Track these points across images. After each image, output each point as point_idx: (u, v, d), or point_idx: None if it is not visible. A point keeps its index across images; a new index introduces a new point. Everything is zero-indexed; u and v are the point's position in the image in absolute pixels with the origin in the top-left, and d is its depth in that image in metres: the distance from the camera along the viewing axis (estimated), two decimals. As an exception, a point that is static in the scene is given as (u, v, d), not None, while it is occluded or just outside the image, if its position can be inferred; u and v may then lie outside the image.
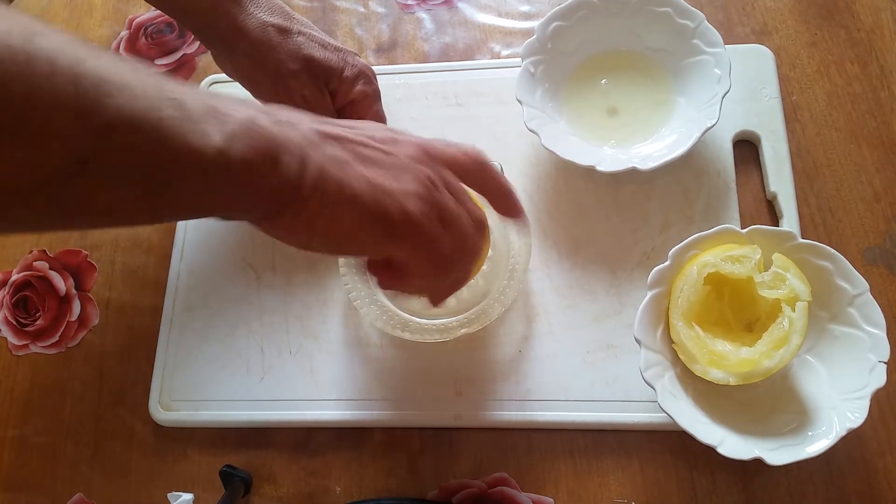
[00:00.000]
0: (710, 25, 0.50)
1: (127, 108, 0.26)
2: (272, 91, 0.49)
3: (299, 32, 0.49)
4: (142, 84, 0.27)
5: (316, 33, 0.50)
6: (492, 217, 0.48)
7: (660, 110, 0.52)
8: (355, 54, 0.51)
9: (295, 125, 0.33)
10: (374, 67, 0.53)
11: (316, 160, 0.32)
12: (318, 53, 0.49)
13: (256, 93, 0.51)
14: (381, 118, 0.52)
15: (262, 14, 0.48)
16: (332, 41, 0.50)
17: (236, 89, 0.53)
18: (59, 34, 0.25)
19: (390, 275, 0.38)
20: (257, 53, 0.48)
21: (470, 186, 0.39)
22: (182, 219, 0.31)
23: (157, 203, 0.29)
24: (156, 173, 0.27)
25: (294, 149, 0.31)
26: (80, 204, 0.27)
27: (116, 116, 0.25)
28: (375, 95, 0.51)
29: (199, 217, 0.32)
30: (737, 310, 0.44)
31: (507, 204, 0.40)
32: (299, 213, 0.32)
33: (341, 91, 0.50)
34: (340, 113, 0.51)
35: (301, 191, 0.31)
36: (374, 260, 0.38)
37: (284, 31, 0.48)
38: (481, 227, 0.38)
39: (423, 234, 0.35)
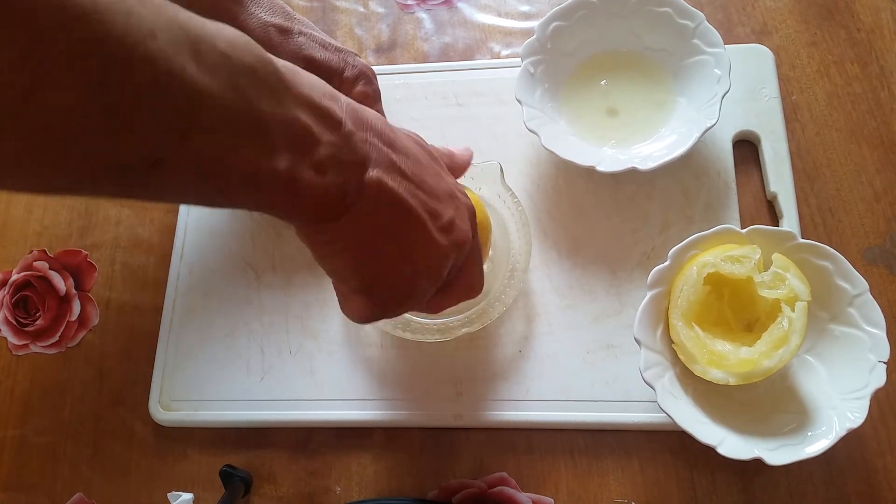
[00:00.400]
0: (709, 25, 0.50)
1: (208, 122, 0.26)
2: None
3: (300, 33, 0.49)
4: (232, 98, 0.27)
5: (317, 34, 0.50)
6: (493, 217, 0.48)
7: (660, 110, 0.52)
8: (356, 55, 0.51)
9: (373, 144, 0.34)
10: (373, 67, 0.53)
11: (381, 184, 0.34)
12: (319, 54, 0.49)
13: None
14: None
15: (262, 14, 0.48)
16: (332, 42, 0.50)
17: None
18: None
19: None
20: None
21: None
22: (237, 207, 0.33)
23: (215, 202, 0.30)
24: (227, 185, 0.29)
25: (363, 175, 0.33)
26: (143, 193, 0.28)
27: (199, 129, 0.26)
28: (376, 95, 0.51)
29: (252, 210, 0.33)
30: (736, 310, 0.44)
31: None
32: (356, 210, 0.34)
33: (342, 91, 0.50)
34: None
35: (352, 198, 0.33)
36: None
37: (285, 32, 0.48)
38: (472, 218, 0.40)
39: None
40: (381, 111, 0.52)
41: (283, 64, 0.31)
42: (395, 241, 0.35)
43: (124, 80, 0.23)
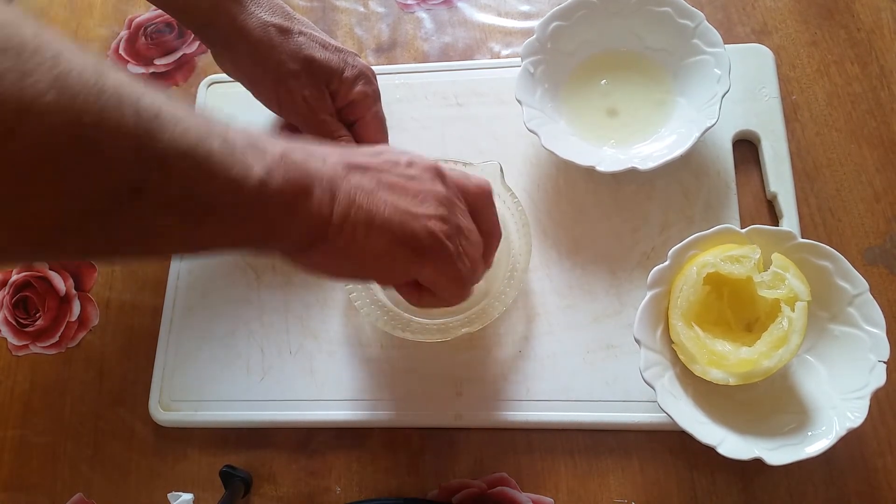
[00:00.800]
0: (709, 25, 0.50)
1: (180, 141, 0.27)
2: (272, 91, 0.49)
3: (300, 33, 0.49)
4: (192, 119, 0.28)
5: (317, 34, 0.50)
6: None
7: (660, 110, 0.52)
8: (356, 55, 0.51)
9: (324, 158, 0.34)
10: (373, 67, 0.53)
11: (345, 190, 0.34)
12: (319, 54, 0.49)
13: (257, 92, 0.51)
14: (380, 119, 0.52)
15: (263, 14, 0.48)
16: (332, 42, 0.50)
17: (237, 89, 0.53)
18: (121, 71, 0.26)
19: (420, 295, 0.40)
20: (258, 53, 0.48)
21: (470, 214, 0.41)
22: (218, 251, 0.33)
23: (197, 233, 0.30)
24: (201, 203, 0.29)
25: (325, 181, 0.33)
26: (128, 233, 0.28)
27: (171, 148, 0.27)
28: (375, 96, 0.52)
29: (234, 250, 0.34)
30: (736, 310, 0.44)
31: (489, 245, 0.43)
32: (332, 241, 0.34)
33: (341, 92, 0.50)
34: (340, 113, 0.51)
35: (333, 219, 0.34)
36: (404, 283, 0.41)
37: (285, 32, 0.48)
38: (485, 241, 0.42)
39: (447, 253, 0.37)
40: (380, 112, 0.52)
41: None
42: (378, 256, 0.36)
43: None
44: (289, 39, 0.48)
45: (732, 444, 0.39)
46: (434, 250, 0.37)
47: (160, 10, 0.67)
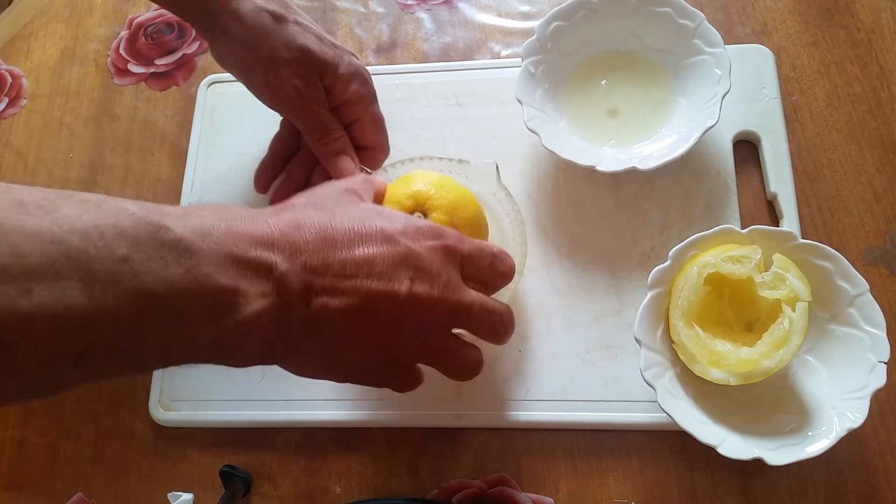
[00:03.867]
0: (710, 25, 0.50)
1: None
2: (263, 79, 0.48)
3: (296, 22, 0.47)
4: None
5: (313, 26, 0.49)
6: (489, 214, 0.48)
7: (660, 110, 0.52)
8: (352, 54, 0.50)
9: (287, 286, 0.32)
10: (373, 67, 0.53)
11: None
12: (314, 45, 0.47)
13: (248, 82, 0.49)
14: (378, 119, 0.51)
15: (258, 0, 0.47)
16: (328, 37, 0.49)
17: (237, 89, 0.53)
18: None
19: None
20: (250, 38, 0.46)
21: (476, 279, 0.39)
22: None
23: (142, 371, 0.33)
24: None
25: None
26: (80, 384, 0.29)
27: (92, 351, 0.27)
28: (371, 97, 0.51)
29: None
30: (737, 310, 0.44)
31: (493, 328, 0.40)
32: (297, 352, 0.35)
33: (336, 88, 0.49)
34: (335, 111, 0.50)
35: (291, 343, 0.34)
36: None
37: (280, 19, 0.47)
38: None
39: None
40: (377, 112, 0.51)
41: (190, 228, 0.30)
42: (358, 344, 0.36)
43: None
44: (283, 27, 0.47)
45: (733, 444, 0.39)
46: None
47: (161, 11, 0.67)
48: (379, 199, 0.44)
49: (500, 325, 0.40)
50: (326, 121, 0.49)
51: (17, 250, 0.25)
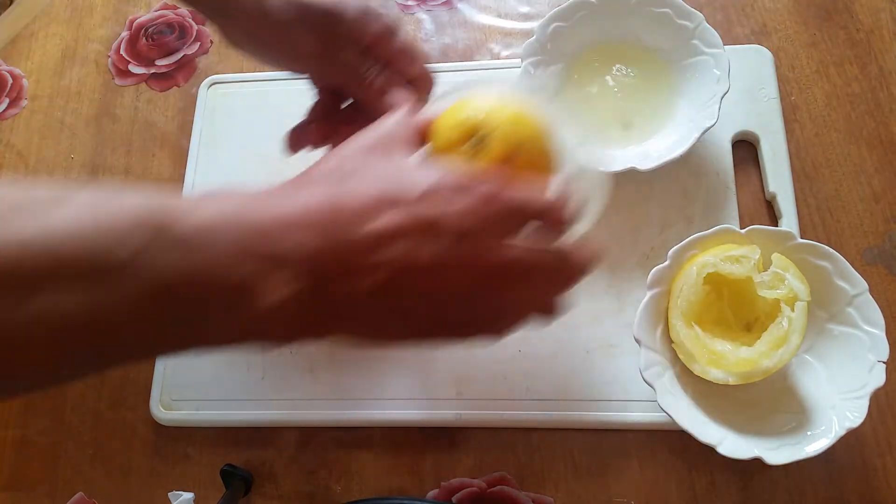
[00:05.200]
0: (709, 26, 0.50)
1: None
2: (278, 49, 0.46)
3: None
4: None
5: None
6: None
7: (659, 111, 0.52)
8: None
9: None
10: (374, 68, 0.53)
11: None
12: None
13: (266, 58, 0.47)
14: (407, 49, 0.46)
15: None
16: None
17: (237, 89, 0.53)
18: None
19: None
20: (250, 12, 0.44)
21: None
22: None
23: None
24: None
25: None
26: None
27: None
28: (392, 31, 0.45)
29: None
30: (736, 310, 0.44)
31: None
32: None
33: (352, 35, 0.45)
34: (365, 55, 0.45)
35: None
36: None
37: None
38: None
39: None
40: (404, 43, 0.46)
41: (200, 220, 0.29)
42: (397, 317, 0.33)
43: None
44: None
45: (732, 444, 0.39)
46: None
47: (161, 12, 0.67)
48: (426, 136, 0.38)
49: (553, 282, 0.35)
50: (356, 65, 0.45)
51: (14, 258, 0.25)
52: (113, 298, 0.26)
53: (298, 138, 0.49)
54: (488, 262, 0.32)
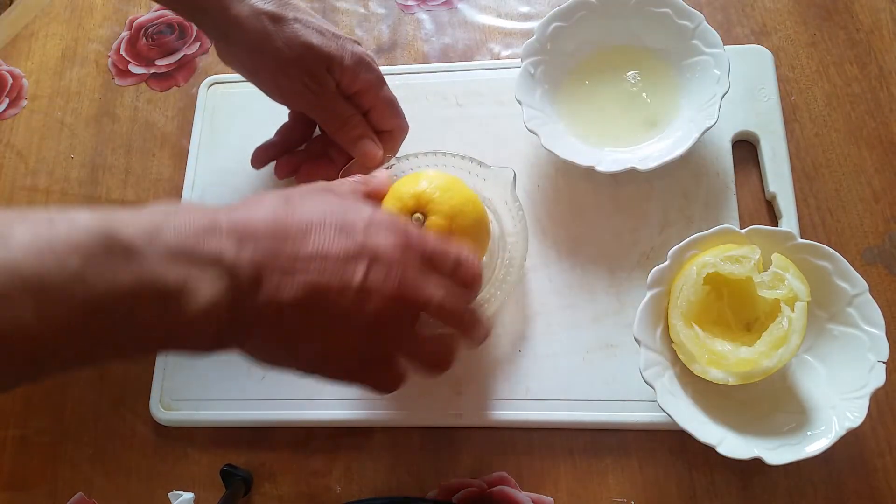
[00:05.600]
0: (709, 26, 0.50)
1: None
2: (272, 80, 0.49)
3: (295, 20, 0.48)
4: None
5: (312, 20, 0.49)
6: (495, 219, 0.48)
7: (659, 111, 0.52)
8: (354, 41, 0.50)
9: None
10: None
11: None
12: (317, 40, 0.48)
13: (258, 82, 0.50)
14: (391, 101, 0.51)
15: (255, 1, 0.47)
16: (328, 27, 0.49)
17: (237, 89, 0.53)
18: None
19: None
20: (252, 43, 0.47)
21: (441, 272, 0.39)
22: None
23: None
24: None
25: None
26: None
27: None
28: (380, 81, 0.51)
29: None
30: (736, 310, 0.44)
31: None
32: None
33: (345, 80, 0.49)
34: (351, 100, 0.50)
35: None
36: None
37: (279, 20, 0.47)
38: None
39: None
40: (388, 95, 0.51)
41: (140, 229, 0.31)
42: (312, 336, 0.36)
43: None
44: (284, 27, 0.47)
45: (732, 444, 0.39)
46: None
47: (162, 11, 0.67)
48: (380, 195, 0.45)
49: (462, 326, 0.39)
50: (342, 110, 0.49)
51: None
52: (60, 311, 0.28)
53: (262, 155, 0.54)
54: (406, 295, 0.36)
